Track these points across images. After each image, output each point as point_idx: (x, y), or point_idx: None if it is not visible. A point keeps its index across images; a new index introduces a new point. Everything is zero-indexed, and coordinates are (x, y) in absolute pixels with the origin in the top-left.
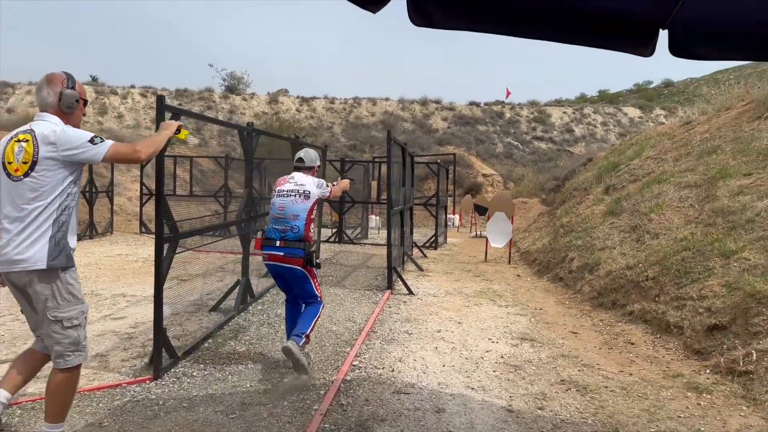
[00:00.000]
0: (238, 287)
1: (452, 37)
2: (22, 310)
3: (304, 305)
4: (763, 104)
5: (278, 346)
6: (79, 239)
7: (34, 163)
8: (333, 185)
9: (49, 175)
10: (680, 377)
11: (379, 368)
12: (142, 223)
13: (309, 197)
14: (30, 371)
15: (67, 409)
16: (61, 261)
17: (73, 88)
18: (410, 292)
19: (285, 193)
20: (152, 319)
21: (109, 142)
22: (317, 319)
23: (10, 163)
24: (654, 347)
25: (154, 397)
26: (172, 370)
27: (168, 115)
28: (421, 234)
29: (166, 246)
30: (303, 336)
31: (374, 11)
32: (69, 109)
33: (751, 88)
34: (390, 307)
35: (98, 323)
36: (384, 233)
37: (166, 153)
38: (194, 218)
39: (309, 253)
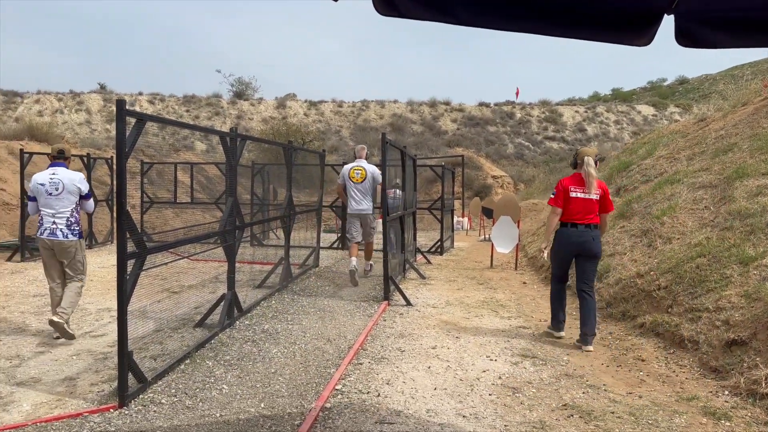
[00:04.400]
0: (223, 302)
1: (459, 37)
2: (350, 228)
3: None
4: None
5: (259, 367)
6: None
7: (365, 179)
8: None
9: (369, 184)
10: (695, 400)
11: (363, 393)
12: (142, 231)
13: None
14: (358, 251)
15: (371, 255)
16: (373, 211)
17: (368, 152)
18: (408, 303)
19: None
20: (133, 336)
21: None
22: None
23: (352, 177)
24: (667, 364)
25: (113, 429)
26: (141, 396)
27: (131, 120)
28: (428, 238)
29: (131, 263)
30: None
31: None
32: (368, 158)
33: None
34: (384, 321)
35: (76, 341)
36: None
37: (167, 159)
38: (179, 228)
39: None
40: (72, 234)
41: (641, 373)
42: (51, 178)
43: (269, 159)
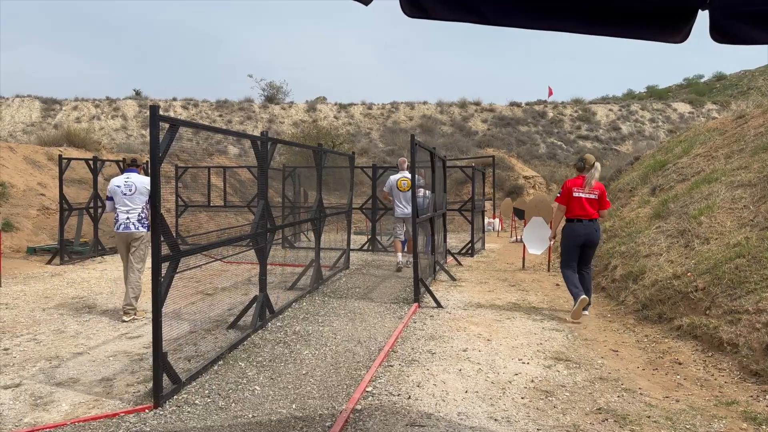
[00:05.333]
0: (255, 304)
1: (489, 36)
2: (396, 228)
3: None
4: None
5: (291, 369)
6: (115, 252)
7: (410, 188)
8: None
9: (410, 192)
10: (735, 405)
11: (394, 395)
12: (177, 235)
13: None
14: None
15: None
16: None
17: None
18: (438, 305)
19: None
20: (167, 338)
21: None
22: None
23: (399, 186)
24: (705, 367)
25: (149, 429)
26: (175, 397)
27: (165, 125)
28: (459, 240)
29: (165, 265)
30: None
31: (366, 3)
32: (410, 169)
33: None
34: (415, 323)
35: (112, 343)
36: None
37: (201, 163)
38: (212, 231)
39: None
40: (142, 226)
41: (678, 377)
42: (126, 181)
43: (300, 162)
